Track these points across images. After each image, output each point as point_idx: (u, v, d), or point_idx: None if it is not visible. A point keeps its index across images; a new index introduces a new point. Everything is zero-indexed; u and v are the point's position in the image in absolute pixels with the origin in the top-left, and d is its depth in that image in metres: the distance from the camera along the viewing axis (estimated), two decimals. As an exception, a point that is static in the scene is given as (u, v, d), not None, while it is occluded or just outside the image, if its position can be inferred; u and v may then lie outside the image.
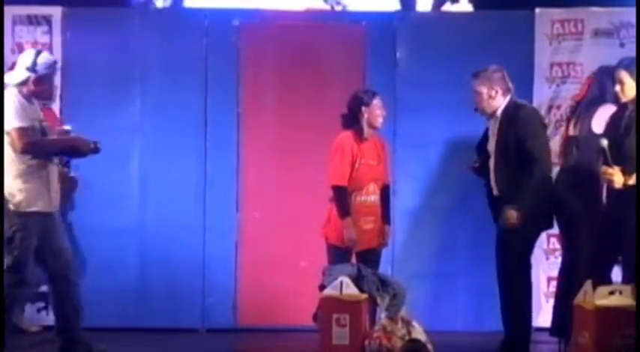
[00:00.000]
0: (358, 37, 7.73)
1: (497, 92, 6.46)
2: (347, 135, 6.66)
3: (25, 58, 6.06)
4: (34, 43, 7.56)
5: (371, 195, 6.62)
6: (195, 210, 7.59)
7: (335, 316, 6.20)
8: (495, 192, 6.49)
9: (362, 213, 6.59)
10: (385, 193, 6.76)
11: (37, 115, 6.05)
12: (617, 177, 5.93)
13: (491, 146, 6.51)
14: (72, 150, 6.12)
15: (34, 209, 5.91)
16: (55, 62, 6.26)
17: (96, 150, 6.15)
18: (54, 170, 6.11)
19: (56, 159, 6.14)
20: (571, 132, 6.65)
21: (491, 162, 6.49)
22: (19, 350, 6.12)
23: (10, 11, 7.32)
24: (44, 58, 6.12)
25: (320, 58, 7.73)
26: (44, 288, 6.80)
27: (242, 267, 7.63)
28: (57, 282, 6.11)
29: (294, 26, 7.80)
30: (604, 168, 5.95)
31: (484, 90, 6.46)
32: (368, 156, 6.62)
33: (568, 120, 6.80)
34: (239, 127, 7.68)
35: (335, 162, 6.62)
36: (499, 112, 6.46)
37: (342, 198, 6.57)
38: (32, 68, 6.01)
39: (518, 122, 6.37)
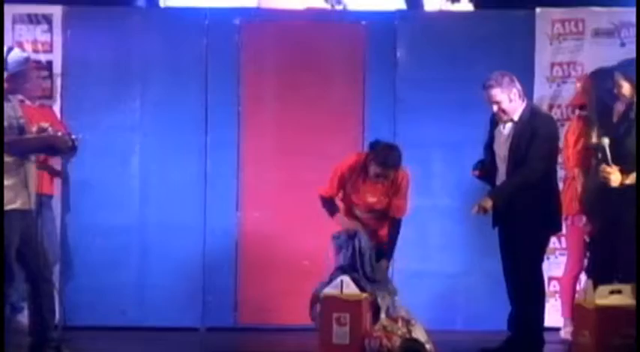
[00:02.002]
0: (359, 37, 7.74)
1: (515, 94, 6.44)
2: (348, 163, 6.67)
3: None
4: (34, 42, 7.57)
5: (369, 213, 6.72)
6: (195, 209, 7.60)
7: (335, 315, 6.20)
8: None
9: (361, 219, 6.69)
10: (393, 226, 6.74)
11: (13, 113, 6.00)
12: (615, 176, 5.95)
13: (502, 150, 6.46)
14: (49, 148, 6.07)
15: (13, 206, 5.89)
16: (27, 59, 6.22)
17: (74, 148, 6.11)
18: (31, 167, 6.08)
19: (33, 157, 6.09)
20: (594, 139, 6.61)
21: (503, 166, 6.46)
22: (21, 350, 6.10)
23: (10, 10, 7.30)
24: (15, 55, 6.09)
25: (320, 58, 7.74)
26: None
27: (242, 266, 7.63)
28: (35, 281, 6.06)
29: (294, 25, 7.80)
30: (602, 166, 5.97)
31: (504, 97, 6.41)
32: (366, 192, 6.62)
33: (585, 130, 6.79)
34: (239, 126, 7.68)
35: (330, 179, 6.69)
36: (516, 116, 6.44)
37: (325, 203, 6.71)
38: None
39: (536, 129, 6.34)
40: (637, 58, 6.46)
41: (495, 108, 6.43)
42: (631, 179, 5.96)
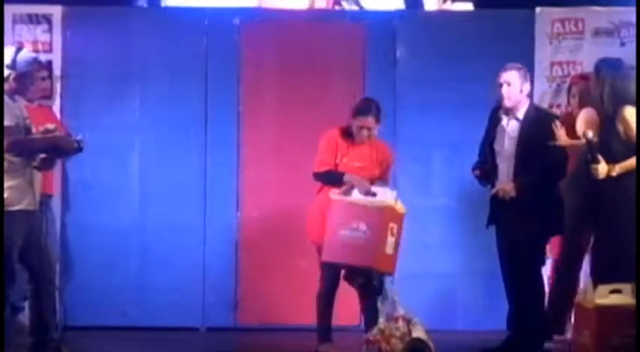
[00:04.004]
0: (358, 36, 7.74)
1: (525, 88, 6.44)
2: (333, 132, 6.59)
3: (5, 56, 6.04)
4: (34, 42, 7.57)
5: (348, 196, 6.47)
6: (195, 209, 7.60)
7: (391, 225, 6.25)
8: None
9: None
10: None
11: (20, 113, 6.01)
12: (602, 166, 5.95)
13: (507, 148, 6.43)
14: (55, 148, 6.07)
15: (19, 207, 5.89)
16: (35, 59, 6.21)
17: (79, 149, 6.12)
18: None
19: (38, 158, 6.09)
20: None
21: (505, 164, 6.44)
22: (22, 349, 6.11)
23: (10, 10, 7.32)
24: (24, 55, 6.08)
25: (320, 57, 7.74)
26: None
27: (242, 266, 7.64)
28: (38, 282, 6.07)
29: (294, 25, 7.81)
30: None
31: (518, 82, 6.41)
32: (353, 158, 6.51)
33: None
34: (239, 126, 7.69)
35: (318, 154, 6.57)
36: (520, 114, 6.42)
37: (326, 173, 6.47)
38: (12, 65, 5.98)
39: (547, 129, 6.33)
40: (637, 58, 6.47)
41: (505, 89, 6.39)
42: (617, 170, 5.96)
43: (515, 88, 6.41)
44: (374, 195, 6.35)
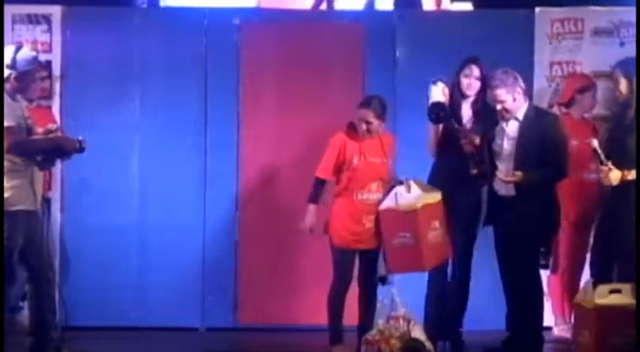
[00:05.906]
0: (358, 37, 7.74)
1: (518, 93, 6.43)
2: (339, 135, 6.64)
3: (5, 55, 6.03)
4: (34, 42, 7.57)
5: (373, 194, 6.57)
6: (195, 209, 7.61)
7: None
8: (504, 191, 6.45)
9: (363, 212, 6.54)
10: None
11: (22, 113, 6.01)
12: (614, 174, 5.95)
13: (507, 148, 6.44)
14: (57, 149, 6.07)
15: (21, 207, 5.89)
16: (35, 58, 6.20)
17: (81, 149, 6.11)
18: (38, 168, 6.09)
19: (40, 158, 6.08)
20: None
21: (504, 164, 6.44)
22: (22, 349, 6.11)
23: (9, 10, 7.32)
24: (24, 53, 6.08)
25: (320, 57, 7.74)
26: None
27: (242, 266, 7.64)
28: (38, 282, 6.07)
29: (294, 25, 7.81)
30: (600, 167, 6.00)
31: (508, 97, 6.39)
32: (370, 154, 6.58)
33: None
34: (239, 126, 7.69)
35: (323, 158, 6.64)
36: (520, 115, 6.43)
37: (315, 186, 6.63)
38: (12, 65, 5.98)
39: (547, 129, 6.34)
40: (637, 58, 6.49)
41: (499, 107, 6.42)
42: (632, 175, 5.97)
43: (508, 103, 6.40)
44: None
